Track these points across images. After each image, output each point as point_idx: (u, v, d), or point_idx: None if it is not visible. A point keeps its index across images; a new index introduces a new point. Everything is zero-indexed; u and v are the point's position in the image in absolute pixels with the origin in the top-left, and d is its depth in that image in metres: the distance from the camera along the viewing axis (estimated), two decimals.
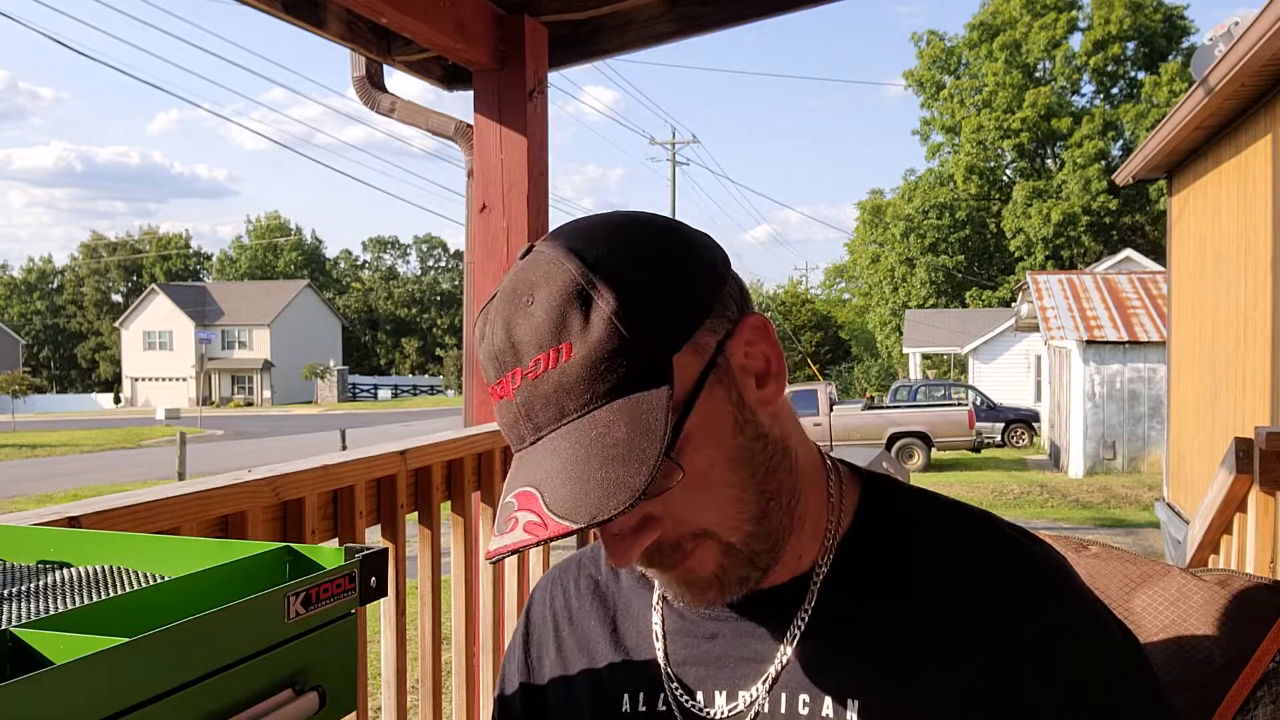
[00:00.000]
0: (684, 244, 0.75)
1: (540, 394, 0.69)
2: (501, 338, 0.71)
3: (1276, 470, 2.19)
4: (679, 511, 0.72)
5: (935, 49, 42.81)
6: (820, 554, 0.79)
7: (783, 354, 0.77)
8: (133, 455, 26.42)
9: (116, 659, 0.54)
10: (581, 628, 0.89)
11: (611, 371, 0.68)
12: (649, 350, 0.69)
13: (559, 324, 0.68)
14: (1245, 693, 0.95)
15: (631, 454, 0.66)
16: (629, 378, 0.68)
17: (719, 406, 0.72)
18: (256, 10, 2.10)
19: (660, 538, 0.73)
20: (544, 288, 0.70)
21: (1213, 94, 6.51)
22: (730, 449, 0.73)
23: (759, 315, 0.76)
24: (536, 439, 0.70)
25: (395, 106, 2.80)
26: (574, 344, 0.68)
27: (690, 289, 0.73)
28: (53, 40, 11.84)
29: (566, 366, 0.68)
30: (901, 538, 0.79)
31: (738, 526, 0.74)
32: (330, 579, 0.71)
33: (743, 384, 0.74)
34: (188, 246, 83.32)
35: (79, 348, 77.00)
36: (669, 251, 0.74)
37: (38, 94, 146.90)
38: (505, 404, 0.71)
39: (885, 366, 43.41)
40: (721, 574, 0.75)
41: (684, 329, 0.71)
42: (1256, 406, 6.54)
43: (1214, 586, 1.02)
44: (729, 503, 0.73)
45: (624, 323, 0.68)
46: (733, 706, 0.78)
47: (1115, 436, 17.35)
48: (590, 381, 0.68)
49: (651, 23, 2.65)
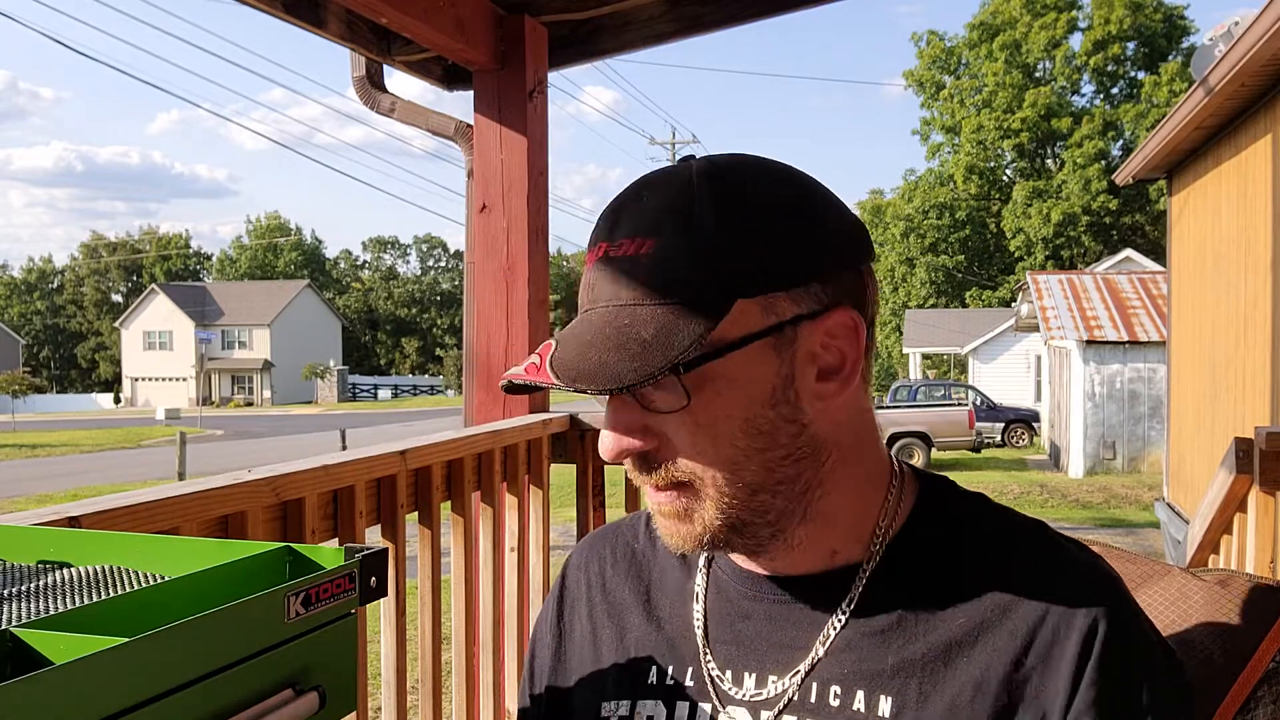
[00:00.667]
0: (812, 214, 0.75)
1: (610, 271, 0.73)
2: (612, 211, 0.75)
3: (1276, 470, 2.19)
4: (679, 442, 0.73)
5: (935, 49, 42.81)
6: (867, 551, 0.78)
7: (861, 361, 0.76)
8: (133, 455, 26.42)
9: (116, 659, 0.54)
10: (615, 595, 0.89)
11: (673, 282, 0.71)
12: (715, 281, 0.71)
13: (656, 221, 0.72)
14: (1246, 692, 0.95)
15: (639, 354, 0.69)
16: (685, 295, 0.70)
17: (762, 371, 0.72)
18: (256, 10, 2.09)
19: (650, 453, 0.74)
20: (666, 186, 0.74)
21: (1213, 94, 6.51)
22: (754, 415, 0.73)
23: (856, 314, 0.75)
24: (588, 310, 0.74)
25: (395, 106, 2.80)
26: (657, 243, 0.71)
27: (789, 252, 0.73)
28: (53, 40, 11.85)
29: (640, 258, 0.72)
30: (949, 539, 0.78)
31: (726, 487, 0.73)
32: (330, 579, 0.71)
33: (802, 368, 0.74)
34: (188, 246, 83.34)
35: (79, 348, 77.01)
36: (790, 211, 0.74)
37: (38, 94, 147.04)
38: (587, 269, 0.76)
39: (885, 366, 43.42)
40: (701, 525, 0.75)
41: (761, 283, 0.72)
42: (1256, 406, 6.54)
43: (1214, 586, 1.02)
44: (727, 460, 0.73)
45: (706, 245, 0.71)
46: (760, 691, 0.78)
47: (1115, 436, 17.35)
48: (650, 281, 0.71)
49: (651, 23, 2.65)
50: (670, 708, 0.80)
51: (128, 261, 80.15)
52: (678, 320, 0.70)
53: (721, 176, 0.73)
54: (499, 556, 2.29)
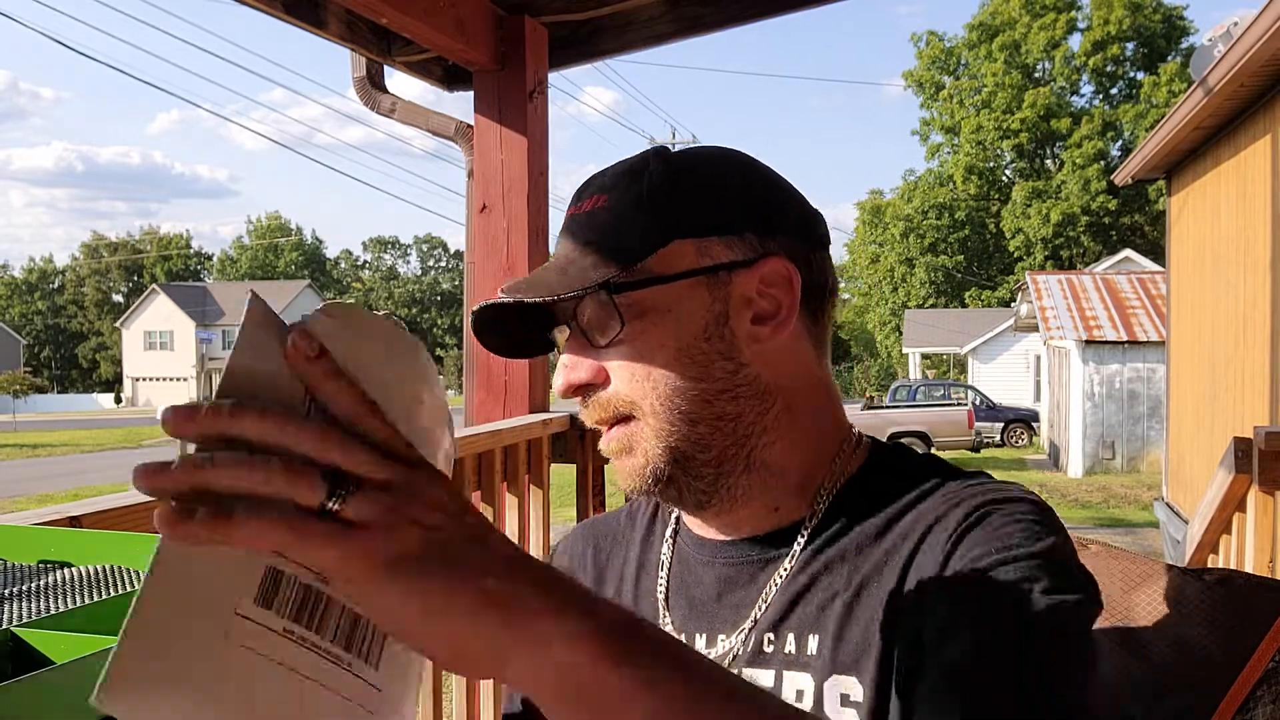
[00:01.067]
0: (751, 176, 0.85)
1: (574, 224, 0.83)
2: (584, 182, 0.86)
3: (1275, 470, 2.20)
4: (618, 375, 0.80)
5: (935, 49, 42.82)
6: (809, 508, 0.82)
7: (796, 309, 0.82)
8: (134, 455, 26.39)
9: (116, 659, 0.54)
10: (596, 575, 0.94)
11: (617, 224, 0.80)
12: (654, 224, 0.79)
13: (610, 184, 0.83)
14: (1245, 692, 0.95)
15: (575, 275, 0.78)
16: (625, 234, 0.79)
17: (694, 305, 0.79)
18: (256, 10, 2.10)
19: (594, 386, 0.81)
20: (625, 161, 0.85)
21: (1212, 94, 6.52)
22: (684, 344, 0.79)
23: (790, 266, 0.81)
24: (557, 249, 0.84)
25: (395, 107, 2.80)
26: (609, 198, 0.82)
27: (725, 203, 0.82)
28: (53, 40, 11.87)
29: (595, 211, 0.82)
30: (889, 494, 0.81)
31: (663, 413, 0.79)
32: None
33: (736, 308, 0.80)
34: (188, 247, 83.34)
35: (80, 348, 77.01)
36: (730, 173, 0.84)
37: (39, 94, 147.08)
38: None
39: (885, 366, 43.43)
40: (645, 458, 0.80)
41: (696, 226, 0.80)
42: (1256, 406, 6.54)
43: (1213, 586, 1.02)
44: (663, 388, 0.78)
45: (649, 197, 0.80)
46: (710, 651, 0.82)
47: (1114, 436, 17.34)
48: (599, 227, 0.81)
49: (651, 23, 2.65)
50: None
51: (128, 261, 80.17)
52: (614, 251, 0.78)
53: (674, 152, 0.84)
54: None
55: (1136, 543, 10.57)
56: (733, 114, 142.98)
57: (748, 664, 0.79)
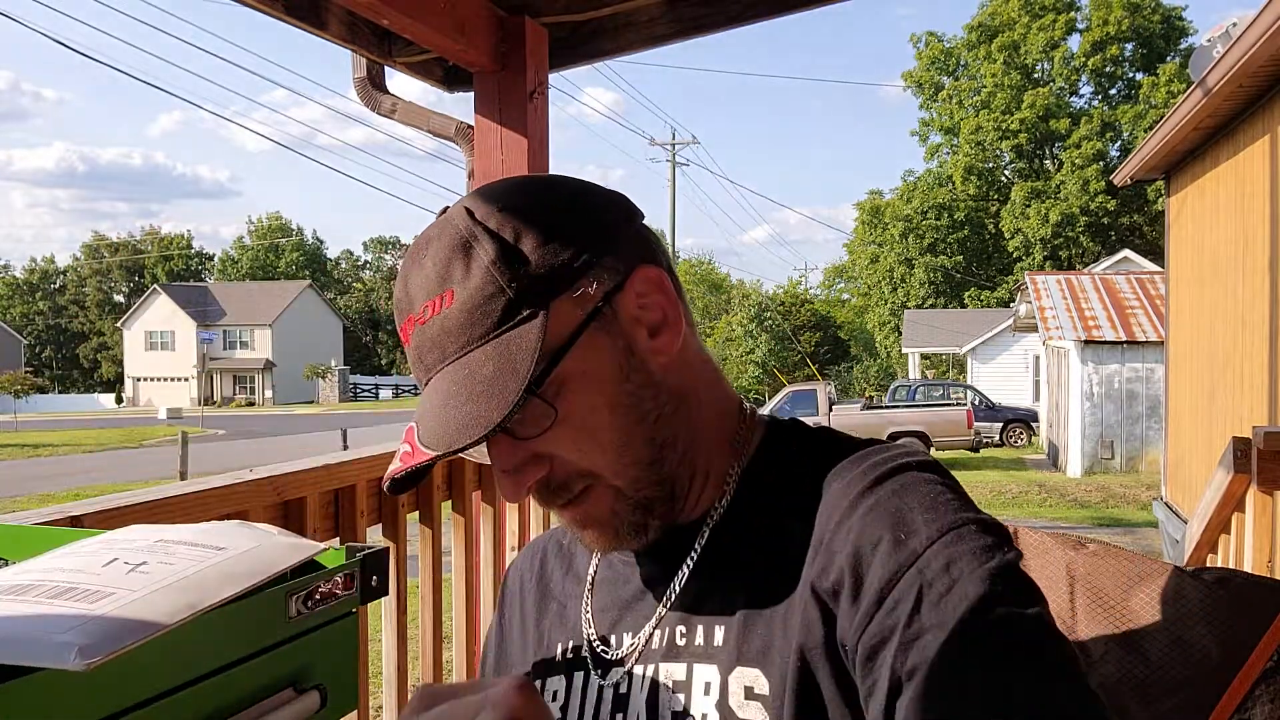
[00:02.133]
0: (575, 199, 0.79)
1: (427, 339, 0.75)
2: (400, 288, 0.78)
3: (1274, 470, 2.20)
4: (565, 452, 0.76)
5: (934, 50, 42.81)
6: (718, 496, 0.82)
7: (679, 305, 0.80)
8: (135, 455, 26.42)
9: (117, 657, 0.54)
10: (539, 588, 0.94)
11: (487, 316, 0.73)
12: (524, 297, 0.73)
13: (444, 273, 0.74)
14: (1243, 691, 0.95)
15: (494, 390, 0.71)
16: (502, 322, 0.73)
17: (602, 354, 0.76)
18: (257, 11, 2.10)
19: (549, 476, 0.77)
20: (436, 241, 0.76)
21: (1211, 95, 6.52)
22: (613, 395, 0.76)
23: (654, 268, 0.79)
24: (427, 380, 0.75)
25: (396, 107, 2.80)
26: (455, 291, 0.73)
27: (573, 240, 0.76)
28: (55, 41, 11.85)
29: (448, 312, 0.74)
30: (788, 471, 0.81)
31: (624, 470, 0.77)
32: (331, 578, 0.71)
33: (632, 334, 0.77)
34: (189, 247, 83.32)
35: (81, 348, 76.99)
36: (557, 206, 0.78)
37: (41, 95, 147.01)
38: (406, 350, 0.78)
39: (884, 366, 43.40)
40: (615, 518, 0.78)
41: (563, 278, 0.74)
42: (1254, 406, 6.54)
43: (1212, 585, 1.02)
44: (612, 446, 0.76)
45: (500, 270, 0.73)
46: (634, 644, 0.81)
47: (1113, 436, 17.34)
48: (468, 326, 0.73)
49: (651, 24, 2.65)
50: (569, 679, 0.84)
51: (130, 262, 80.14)
52: (509, 345, 0.72)
53: (481, 207, 0.76)
54: (499, 556, 2.29)
55: (1135, 542, 10.57)
56: (732, 115, 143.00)
57: (663, 658, 0.79)
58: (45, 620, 0.54)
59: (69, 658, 0.50)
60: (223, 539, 0.69)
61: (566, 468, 0.77)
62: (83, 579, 0.59)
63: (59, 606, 0.55)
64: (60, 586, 0.58)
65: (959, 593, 0.64)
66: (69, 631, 0.52)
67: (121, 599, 0.56)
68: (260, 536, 0.72)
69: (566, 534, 0.95)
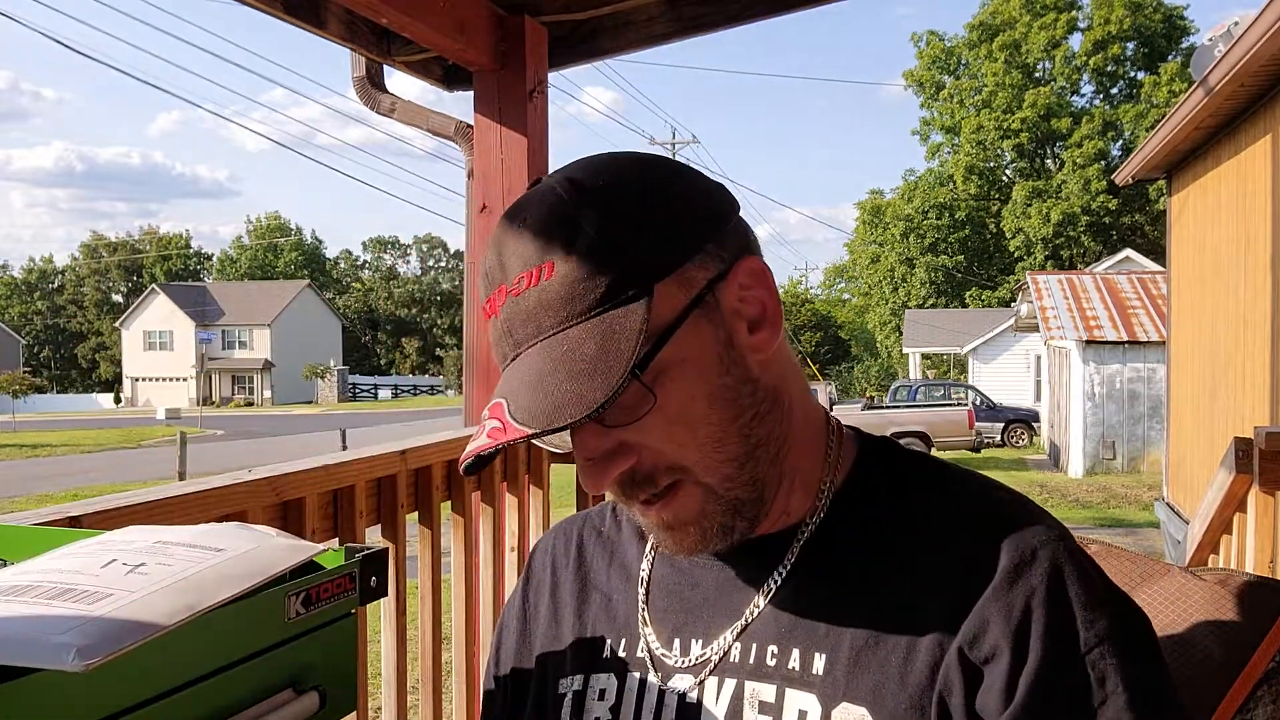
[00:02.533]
0: (682, 183, 0.76)
1: (521, 310, 0.71)
2: (493, 257, 0.74)
3: (1276, 470, 2.19)
4: (656, 442, 0.72)
5: (935, 49, 42.81)
6: (810, 508, 0.79)
7: (779, 302, 0.77)
8: (133, 455, 26.42)
9: (116, 658, 0.54)
10: (578, 576, 0.90)
11: (589, 292, 0.69)
12: (629, 275, 0.70)
13: (544, 245, 0.71)
14: (1245, 692, 0.95)
15: (596, 370, 0.67)
16: (605, 299, 0.69)
17: (704, 343, 0.72)
18: (256, 10, 2.10)
19: (635, 467, 0.73)
20: (535, 211, 0.73)
21: (1212, 94, 6.51)
22: (712, 387, 0.72)
23: (758, 260, 0.76)
24: (516, 355, 0.72)
25: (395, 107, 2.79)
26: (556, 264, 0.70)
27: (680, 224, 0.73)
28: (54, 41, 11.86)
29: (547, 285, 0.70)
30: (891, 495, 0.78)
31: (716, 468, 0.73)
32: (330, 579, 0.71)
33: (733, 326, 0.74)
34: (188, 247, 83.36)
35: (79, 348, 77.00)
36: (664, 186, 0.75)
37: (40, 94, 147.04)
38: (493, 322, 0.74)
39: (885, 366, 43.42)
40: (703, 519, 0.75)
41: (669, 261, 0.72)
42: (1256, 406, 6.54)
43: (1214, 586, 1.02)
44: (707, 441, 0.73)
45: (605, 246, 0.70)
46: (705, 653, 0.78)
47: (1115, 436, 17.34)
48: (567, 300, 0.69)
49: (651, 23, 2.65)
50: (621, 679, 0.81)
51: (128, 262, 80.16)
52: (611, 324, 0.69)
53: (585, 181, 0.73)
54: (499, 556, 2.29)
55: (1137, 543, 10.56)
56: (732, 114, 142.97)
57: (749, 675, 0.75)
58: (44, 621, 0.54)
59: (67, 658, 0.50)
60: (221, 540, 0.69)
61: (655, 459, 0.73)
62: (81, 580, 0.59)
63: (57, 607, 0.55)
64: (59, 587, 0.58)
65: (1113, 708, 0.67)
66: (67, 632, 0.52)
67: (120, 600, 0.56)
68: (259, 538, 0.72)
69: (605, 521, 0.92)
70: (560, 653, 0.86)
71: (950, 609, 0.71)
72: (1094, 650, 0.68)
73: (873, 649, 0.72)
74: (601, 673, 0.82)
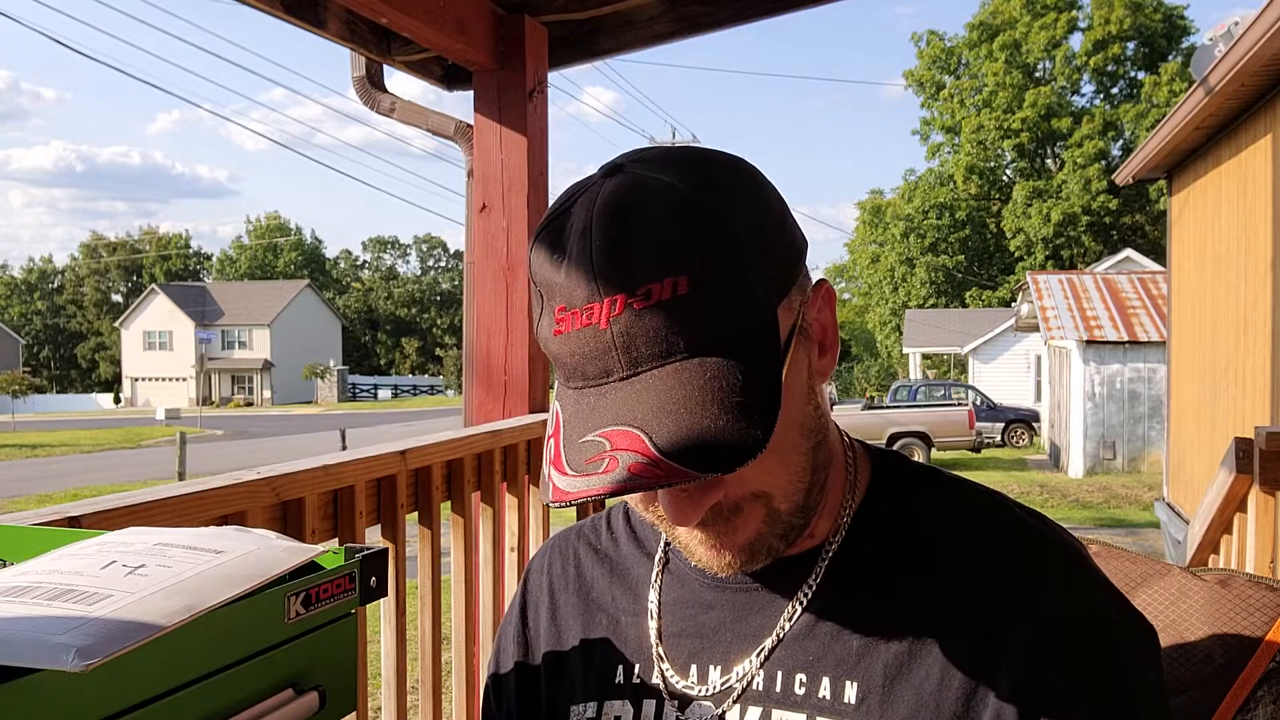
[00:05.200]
0: (775, 197, 0.70)
1: (646, 325, 0.62)
2: (603, 259, 0.62)
3: (1276, 470, 2.20)
4: (749, 472, 0.65)
5: (935, 49, 42.81)
6: (832, 530, 0.76)
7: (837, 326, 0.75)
8: (132, 455, 26.42)
9: (116, 659, 0.54)
10: (580, 596, 0.86)
11: (733, 312, 0.63)
12: (760, 300, 0.65)
13: (678, 254, 0.62)
14: (1245, 692, 0.95)
15: (753, 405, 0.61)
16: (744, 324, 0.63)
17: (799, 370, 0.69)
18: (256, 10, 2.09)
19: (725, 497, 0.68)
20: (663, 209, 0.63)
21: (1213, 94, 6.51)
22: (803, 415, 0.70)
23: (826, 281, 0.73)
24: (632, 374, 0.63)
25: (395, 106, 2.80)
26: (692, 278, 0.62)
27: (788, 244, 0.69)
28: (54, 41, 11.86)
29: (684, 300, 0.62)
30: (911, 515, 0.77)
31: (792, 495, 0.71)
32: (330, 579, 0.71)
33: (812, 351, 0.71)
34: (188, 247, 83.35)
35: (79, 348, 77.01)
36: (768, 189, 0.69)
37: (40, 94, 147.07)
38: (591, 331, 0.63)
39: (885, 366, 43.42)
40: (757, 540, 0.71)
41: (785, 282, 0.67)
42: (1256, 406, 6.54)
43: (1214, 586, 1.02)
44: (795, 470, 0.70)
45: (742, 266, 0.63)
46: (727, 679, 0.75)
47: (1115, 436, 17.34)
48: (705, 321, 0.62)
49: (651, 23, 2.65)
50: (637, 706, 0.78)
51: (128, 261, 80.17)
52: (756, 353, 0.63)
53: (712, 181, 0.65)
54: (499, 556, 2.29)
55: (1137, 543, 10.57)
56: (732, 114, 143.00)
57: (777, 705, 0.72)
58: (43, 622, 0.54)
59: (67, 659, 0.50)
60: (221, 542, 0.69)
61: (743, 489, 0.69)
62: (81, 581, 0.59)
63: (57, 608, 0.55)
64: (58, 588, 0.58)
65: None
66: (67, 633, 0.52)
67: (120, 601, 0.56)
68: (259, 540, 0.72)
69: (600, 536, 0.88)
70: (568, 677, 0.83)
71: (978, 630, 0.70)
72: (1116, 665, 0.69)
73: (906, 675, 0.70)
74: (615, 699, 0.79)
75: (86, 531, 0.78)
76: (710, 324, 0.62)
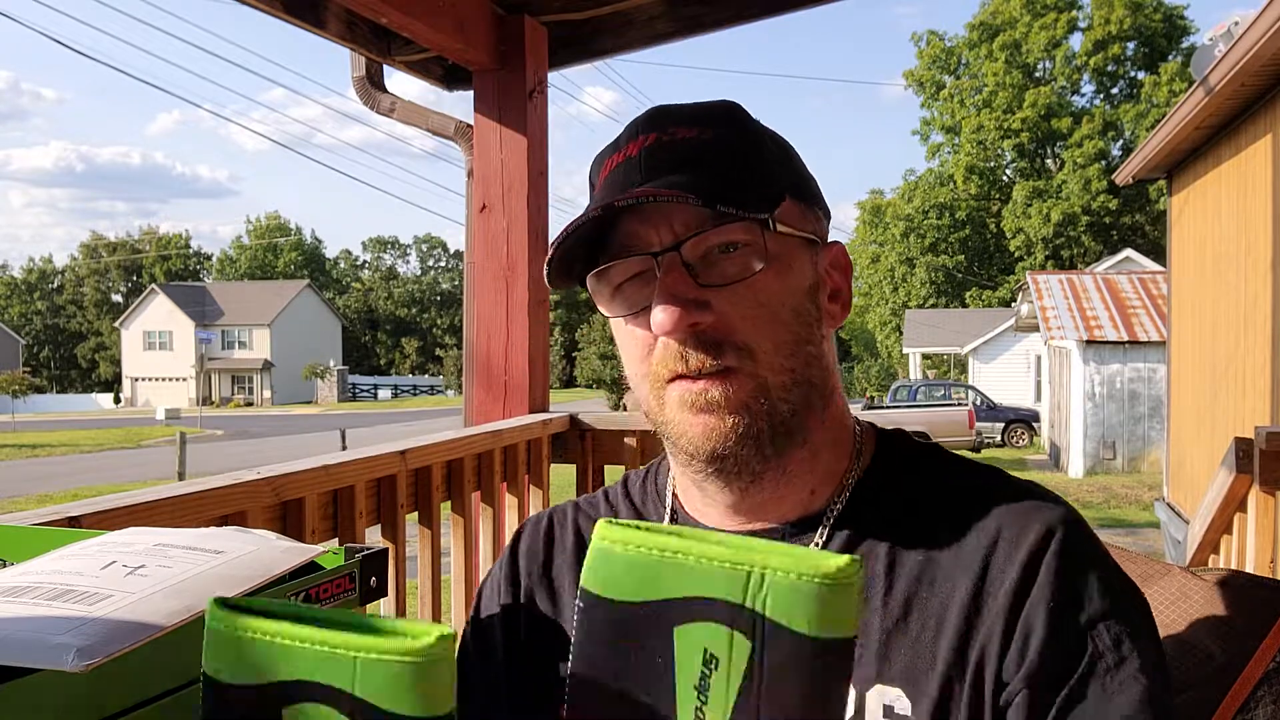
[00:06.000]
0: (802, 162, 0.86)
1: (669, 153, 0.76)
2: (645, 118, 0.80)
3: (1276, 470, 2.20)
4: (738, 316, 0.75)
5: (935, 49, 42.81)
6: (835, 494, 0.81)
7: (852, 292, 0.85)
8: (132, 455, 26.41)
9: (115, 659, 0.54)
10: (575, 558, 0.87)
11: (740, 163, 0.77)
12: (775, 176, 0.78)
13: (709, 117, 0.79)
14: (1246, 692, 0.95)
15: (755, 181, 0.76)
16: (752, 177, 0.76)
17: (803, 268, 0.79)
18: (256, 10, 2.09)
19: (709, 327, 0.75)
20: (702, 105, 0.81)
21: (1213, 94, 6.51)
22: (799, 303, 0.78)
23: (846, 253, 0.84)
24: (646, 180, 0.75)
25: (395, 106, 2.79)
26: (715, 133, 0.77)
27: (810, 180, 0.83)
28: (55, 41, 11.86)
29: (705, 141, 0.77)
30: (912, 481, 0.81)
31: (776, 365, 0.76)
32: (330, 579, 0.71)
33: (822, 280, 0.81)
34: (188, 247, 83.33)
35: (79, 348, 77.00)
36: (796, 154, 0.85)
37: (40, 94, 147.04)
38: (624, 162, 0.78)
39: (885, 366, 43.40)
40: (745, 411, 0.75)
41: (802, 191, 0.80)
42: (1256, 406, 6.54)
43: (1214, 586, 1.02)
44: (780, 337, 0.76)
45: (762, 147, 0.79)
46: None
47: (1115, 436, 17.34)
48: (719, 160, 0.76)
49: (651, 23, 2.65)
50: None
51: (128, 261, 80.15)
52: (757, 188, 0.75)
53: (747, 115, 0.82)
54: (499, 556, 2.28)
55: (1137, 543, 10.56)
56: None
57: None
58: (43, 622, 0.54)
59: (67, 659, 0.50)
60: (221, 543, 0.69)
61: (729, 330, 0.75)
62: (81, 581, 0.59)
63: (57, 608, 0.55)
64: (59, 588, 0.58)
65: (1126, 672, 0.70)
66: (67, 633, 0.52)
67: (120, 601, 0.56)
68: (259, 541, 0.72)
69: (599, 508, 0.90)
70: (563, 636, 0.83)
71: (973, 586, 0.73)
72: (1107, 620, 0.71)
73: (903, 630, 0.74)
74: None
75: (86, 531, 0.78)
76: (721, 163, 0.76)
